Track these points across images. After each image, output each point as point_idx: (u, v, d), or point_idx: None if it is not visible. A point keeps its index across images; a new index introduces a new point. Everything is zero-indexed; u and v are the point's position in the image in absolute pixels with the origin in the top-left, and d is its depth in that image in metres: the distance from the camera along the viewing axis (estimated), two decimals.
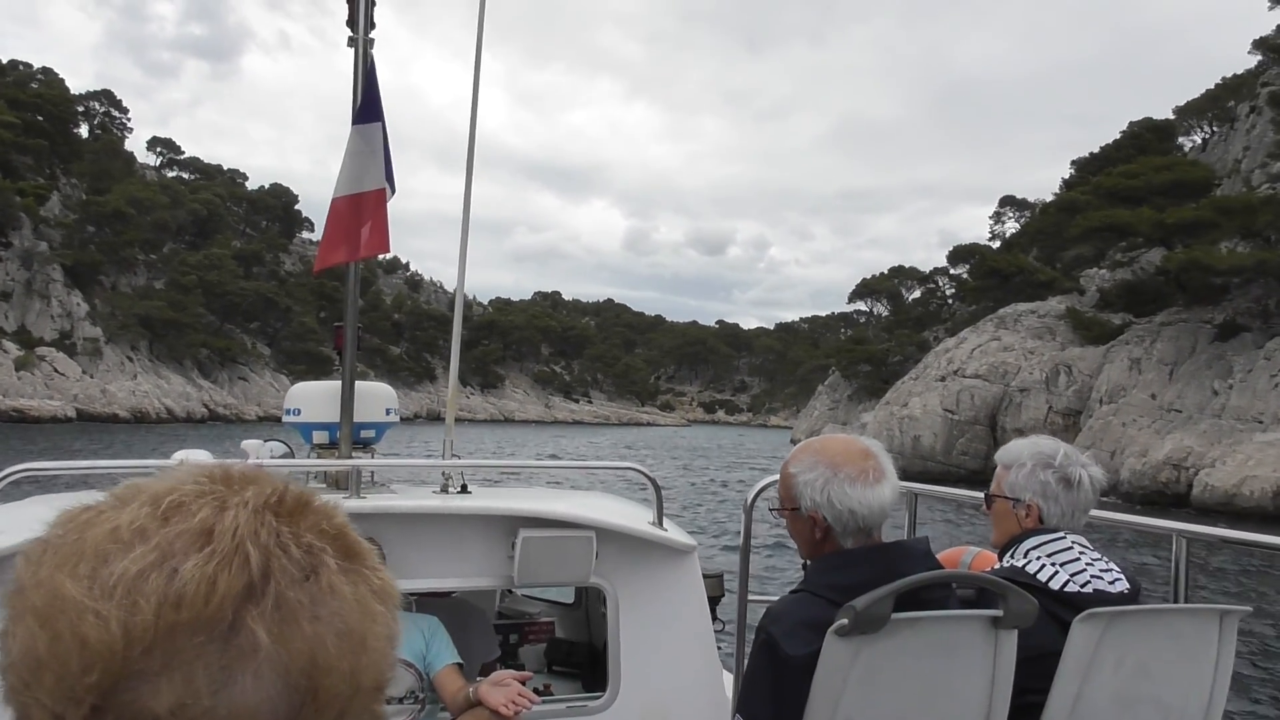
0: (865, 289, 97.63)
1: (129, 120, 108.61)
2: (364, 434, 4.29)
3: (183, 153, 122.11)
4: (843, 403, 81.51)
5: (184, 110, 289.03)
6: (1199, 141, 70.72)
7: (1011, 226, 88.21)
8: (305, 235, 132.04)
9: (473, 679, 3.40)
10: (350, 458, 4.07)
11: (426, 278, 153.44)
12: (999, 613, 2.09)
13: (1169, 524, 2.90)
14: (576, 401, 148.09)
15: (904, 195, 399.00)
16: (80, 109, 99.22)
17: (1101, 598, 2.35)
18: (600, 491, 6.04)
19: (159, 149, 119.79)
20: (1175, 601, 2.72)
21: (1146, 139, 68.55)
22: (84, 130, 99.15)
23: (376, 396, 4.42)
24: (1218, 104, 70.57)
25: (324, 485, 4.10)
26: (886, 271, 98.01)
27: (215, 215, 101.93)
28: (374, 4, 4.41)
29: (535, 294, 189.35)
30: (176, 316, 78.77)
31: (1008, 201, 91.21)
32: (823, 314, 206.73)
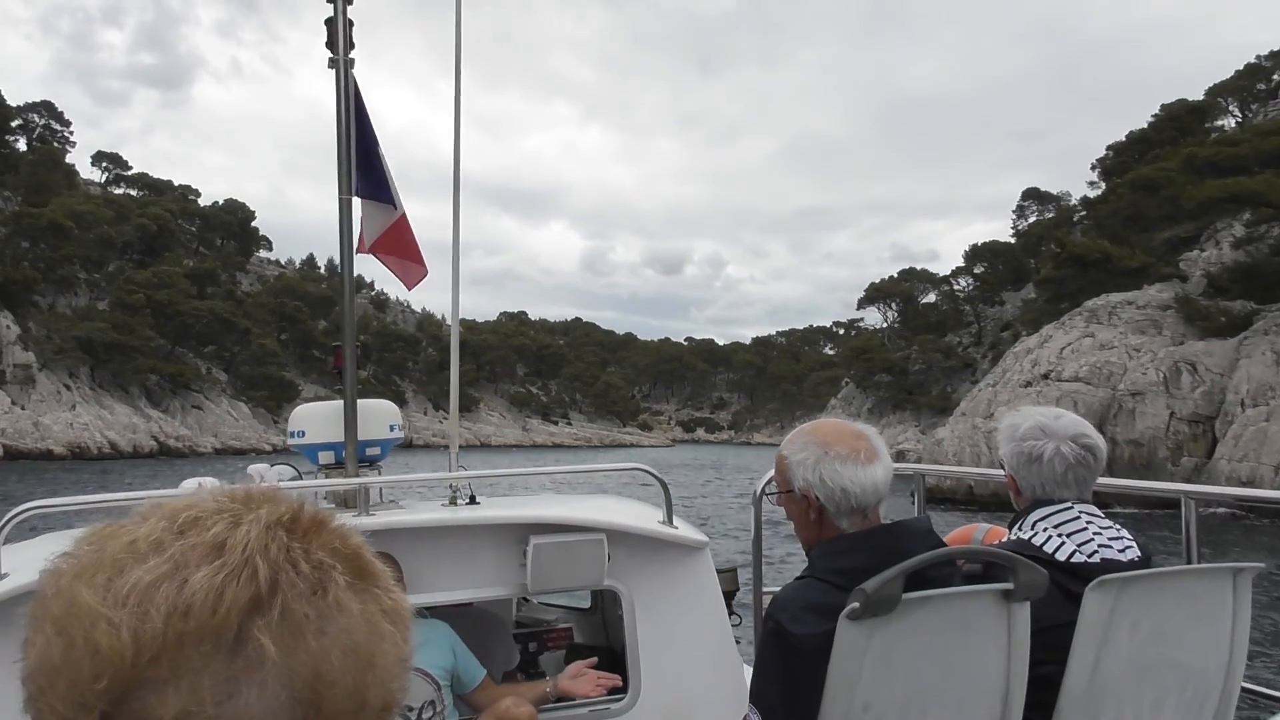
0: (877, 293, 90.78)
1: (71, 134, 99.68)
2: (369, 451, 4.27)
3: (130, 168, 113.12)
4: (861, 417, 75.06)
5: (136, 138, 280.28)
6: (1232, 124, 66.86)
7: (1030, 220, 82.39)
8: (264, 254, 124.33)
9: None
10: (356, 476, 4.09)
11: (392, 297, 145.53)
12: (1010, 586, 2.08)
13: (1176, 486, 2.94)
14: (555, 423, 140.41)
15: (857, 212, 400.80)
16: (18, 122, 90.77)
17: (1109, 566, 2.33)
18: (608, 494, 5.66)
19: (105, 164, 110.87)
20: (1187, 564, 2.72)
21: (1186, 120, 64.86)
22: (22, 145, 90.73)
23: (379, 414, 4.39)
24: (1251, 83, 67.14)
25: (332, 505, 4.01)
26: (896, 275, 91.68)
27: (165, 231, 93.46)
28: (352, 25, 4.45)
29: (501, 314, 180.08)
30: (122, 339, 70.53)
31: (1031, 195, 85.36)
32: (800, 327, 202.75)
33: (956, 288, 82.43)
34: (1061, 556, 2.36)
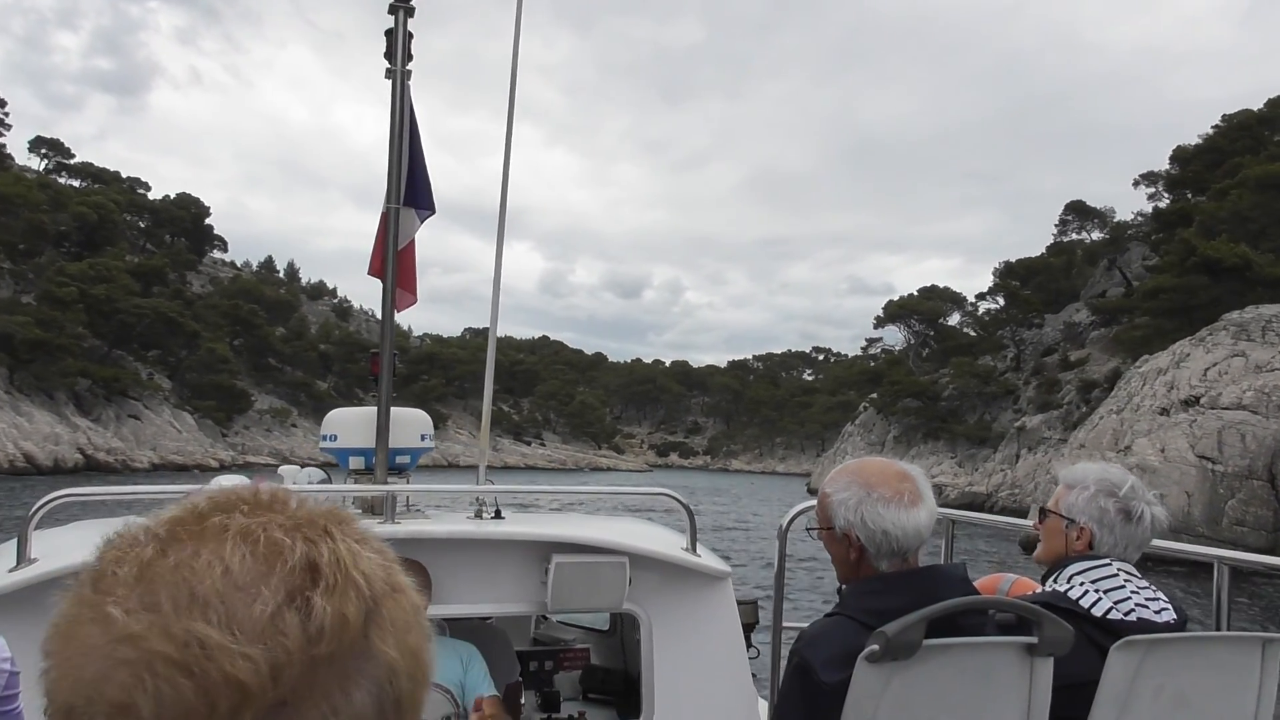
0: (899, 310, 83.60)
1: (6, 116, 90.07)
2: (399, 459, 4.30)
3: (73, 156, 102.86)
4: (888, 445, 67.55)
5: (89, 143, 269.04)
6: None
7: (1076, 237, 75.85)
8: (218, 255, 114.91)
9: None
10: (385, 483, 4.10)
11: (356, 305, 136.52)
12: (1034, 639, 2.07)
13: (1210, 551, 2.87)
14: (528, 444, 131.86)
15: (815, 244, 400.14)
16: None
17: (1146, 627, 2.33)
18: (633, 517, 5.77)
19: (44, 150, 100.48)
20: (1217, 630, 2.70)
21: (1257, 130, 59.84)
22: None
23: (412, 423, 4.45)
24: None
25: (360, 511, 4.10)
26: (917, 293, 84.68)
27: (108, 223, 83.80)
28: (411, 37, 4.52)
29: (466, 330, 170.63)
30: (47, 337, 61.22)
31: (1075, 209, 78.96)
32: (778, 351, 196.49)
33: (993, 306, 75.51)
34: (1098, 612, 2.34)
